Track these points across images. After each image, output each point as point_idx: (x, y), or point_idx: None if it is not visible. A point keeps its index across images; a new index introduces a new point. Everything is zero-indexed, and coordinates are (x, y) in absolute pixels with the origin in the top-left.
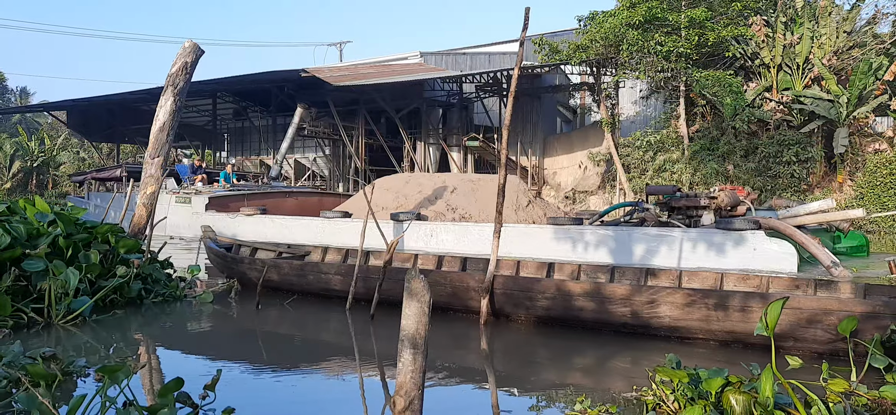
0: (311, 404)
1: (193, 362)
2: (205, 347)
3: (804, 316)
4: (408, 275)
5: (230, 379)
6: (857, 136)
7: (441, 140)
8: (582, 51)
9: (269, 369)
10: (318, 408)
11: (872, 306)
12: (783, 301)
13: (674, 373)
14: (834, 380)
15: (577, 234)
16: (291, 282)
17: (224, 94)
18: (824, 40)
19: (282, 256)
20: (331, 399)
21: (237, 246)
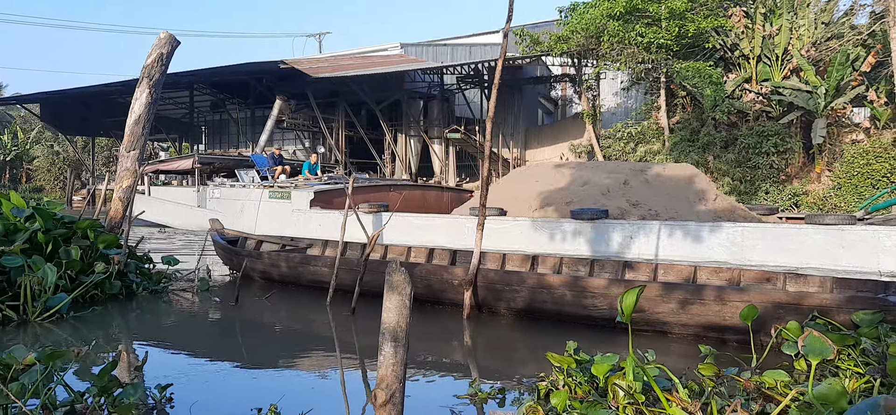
0: (292, 397)
1: (167, 356)
2: (183, 340)
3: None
4: (389, 268)
5: (207, 373)
6: (835, 126)
7: (422, 132)
8: (563, 42)
9: (249, 363)
10: (300, 402)
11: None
12: (639, 290)
13: (562, 359)
14: (704, 365)
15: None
16: (286, 274)
17: (201, 87)
18: (803, 32)
19: (285, 250)
20: (312, 393)
21: (243, 239)
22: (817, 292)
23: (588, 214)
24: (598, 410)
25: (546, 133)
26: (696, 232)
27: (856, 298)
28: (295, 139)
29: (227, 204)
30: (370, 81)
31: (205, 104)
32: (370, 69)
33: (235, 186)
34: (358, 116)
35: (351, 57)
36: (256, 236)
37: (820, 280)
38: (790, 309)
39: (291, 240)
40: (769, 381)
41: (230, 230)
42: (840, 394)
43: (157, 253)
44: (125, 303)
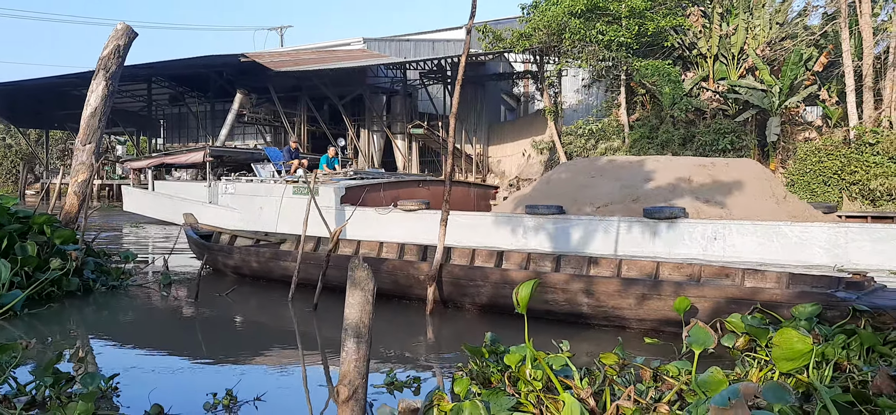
0: (253, 394)
1: (119, 350)
2: (138, 335)
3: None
4: (351, 264)
5: (159, 366)
6: (789, 124)
7: (385, 127)
8: (525, 39)
9: (206, 357)
10: (264, 403)
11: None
12: (534, 283)
13: (475, 349)
14: (606, 354)
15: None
16: (257, 270)
17: (160, 79)
18: (758, 31)
19: (259, 244)
20: (273, 390)
21: (217, 234)
22: (769, 287)
23: (665, 213)
24: (500, 396)
25: (508, 129)
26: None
27: (806, 294)
28: (256, 133)
29: (243, 200)
30: (332, 76)
31: (163, 97)
32: (332, 64)
33: (253, 181)
34: (320, 111)
35: (313, 51)
36: (231, 231)
37: (777, 276)
38: (743, 303)
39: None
40: (672, 370)
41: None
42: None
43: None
44: (82, 299)
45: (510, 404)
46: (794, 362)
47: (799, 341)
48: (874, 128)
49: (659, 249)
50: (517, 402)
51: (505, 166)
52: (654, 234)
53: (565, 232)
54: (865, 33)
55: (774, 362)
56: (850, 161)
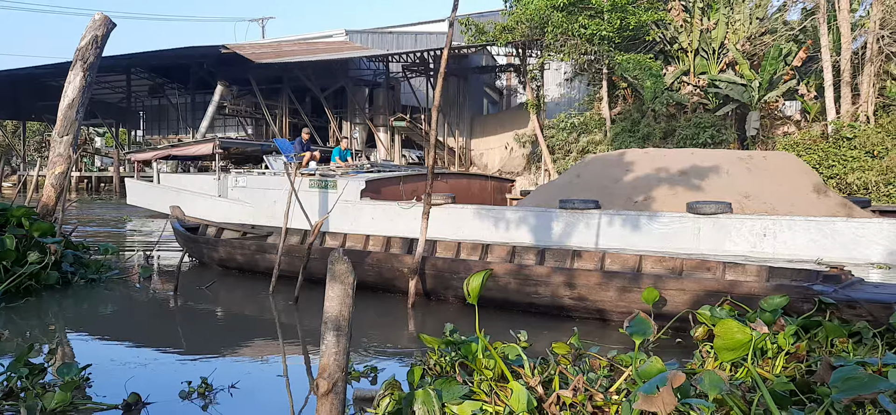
0: (237, 393)
1: (96, 343)
2: (115, 328)
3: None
4: (331, 257)
5: (136, 358)
6: (768, 119)
7: (367, 120)
8: (508, 32)
9: (186, 351)
10: (241, 392)
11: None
12: (486, 274)
13: (432, 339)
14: (558, 343)
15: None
16: (244, 263)
17: (139, 70)
18: (738, 26)
19: (245, 237)
20: (250, 381)
21: (204, 226)
22: (748, 281)
23: (710, 208)
24: (452, 385)
25: (491, 122)
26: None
27: (783, 287)
28: (237, 126)
29: (255, 194)
30: (314, 68)
31: (143, 89)
32: (315, 56)
33: (265, 174)
34: (302, 103)
35: (295, 43)
36: (219, 224)
37: (757, 269)
38: (722, 296)
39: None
40: (626, 359)
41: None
42: (658, 370)
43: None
44: (61, 293)
45: (462, 392)
46: (734, 351)
47: (739, 332)
48: (852, 123)
49: (704, 247)
50: (470, 390)
51: (487, 159)
52: (697, 230)
53: (602, 227)
54: (844, 29)
55: (716, 352)
56: (828, 155)
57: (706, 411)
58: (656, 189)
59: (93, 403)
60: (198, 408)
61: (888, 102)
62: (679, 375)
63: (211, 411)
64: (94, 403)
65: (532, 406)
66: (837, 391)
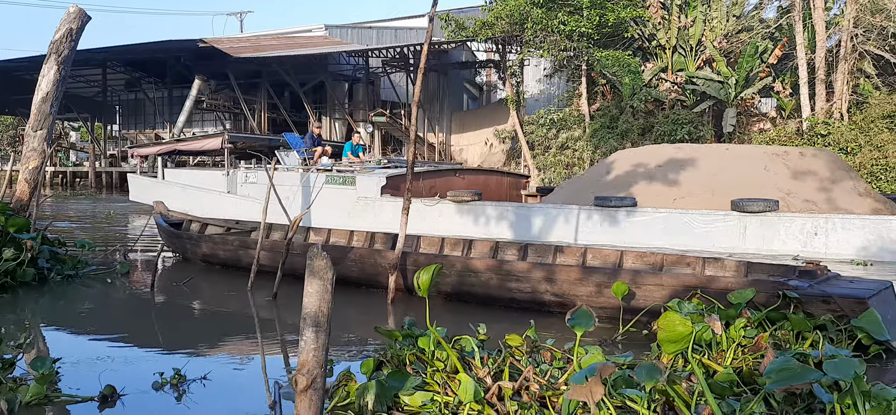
0: (209, 384)
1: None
2: (96, 325)
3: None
4: (310, 252)
5: (118, 356)
6: (744, 116)
7: (347, 115)
8: (488, 28)
9: (163, 347)
10: (213, 384)
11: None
12: (436, 268)
13: (389, 332)
14: (510, 335)
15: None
16: (228, 258)
17: (115, 64)
18: (715, 24)
19: (229, 232)
20: (225, 376)
21: (187, 222)
22: (725, 276)
23: (758, 205)
24: (405, 376)
25: (471, 118)
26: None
27: (759, 282)
28: (215, 120)
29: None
30: (294, 63)
31: (119, 83)
32: (294, 50)
33: (278, 169)
34: (281, 98)
35: (274, 37)
36: (203, 219)
37: (736, 265)
38: (695, 290)
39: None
40: (580, 351)
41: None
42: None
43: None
44: (38, 290)
45: (415, 383)
46: (677, 344)
47: (680, 324)
48: (826, 120)
49: (750, 246)
50: (424, 381)
51: (467, 155)
52: (743, 228)
53: (642, 226)
54: (818, 27)
55: (660, 345)
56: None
57: (638, 399)
58: (693, 186)
59: (68, 395)
60: (172, 399)
61: (861, 100)
62: (608, 366)
63: (185, 400)
64: (69, 395)
65: (479, 396)
66: (770, 382)
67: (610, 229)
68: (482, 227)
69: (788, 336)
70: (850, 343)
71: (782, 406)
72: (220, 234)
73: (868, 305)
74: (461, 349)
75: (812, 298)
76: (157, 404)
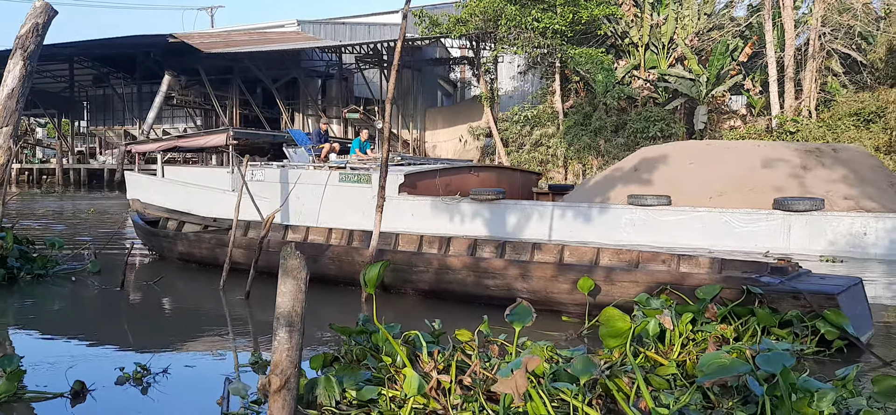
0: (170, 379)
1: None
2: (65, 324)
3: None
4: (283, 251)
5: (87, 355)
6: (715, 113)
7: (320, 111)
8: (462, 24)
9: (129, 346)
10: (178, 384)
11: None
12: (383, 264)
13: (343, 329)
14: (460, 330)
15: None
16: (205, 256)
17: (82, 60)
18: (687, 22)
19: (207, 230)
20: (190, 375)
21: (164, 220)
22: (699, 272)
23: (803, 204)
24: (355, 370)
25: (445, 115)
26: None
27: (731, 278)
28: (185, 117)
29: (276, 189)
30: (266, 59)
31: (86, 78)
32: (266, 46)
33: (286, 166)
34: (253, 94)
35: (245, 33)
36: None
37: (709, 262)
38: (673, 288)
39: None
40: (529, 345)
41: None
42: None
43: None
44: (7, 289)
45: (364, 378)
46: (617, 339)
47: (620, 320)
48: (795, 117)
49: (794, 246)
50: (372, 376)
51: (441, 151)
52: (787, 228)
53: (677, 225)
54: (787, 25)
55: (602, 339)
56: None
57: (568, 392)
58: (729, 183)
59: (38, 392)
60: (135, 394)
61: (829, 97)
62: (534, 359)
63: (147, 395)
64: (40, 392)
65: (423, 390)
66: (702, 375)
67: (645, 229)
68: (510, 226)
69: (755, 331)
70: (815, 338)
71: (720, 398)
72: (197, 232)
73: (837, 302)
74: (413, 345)
75: (783, 295)
76: (121, 399)
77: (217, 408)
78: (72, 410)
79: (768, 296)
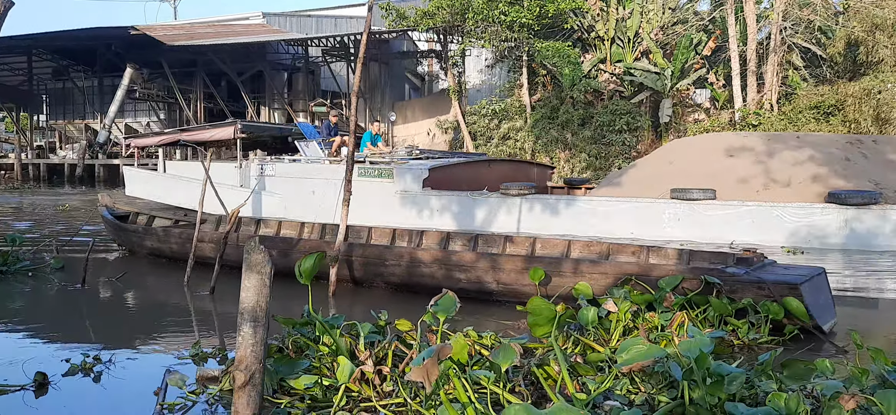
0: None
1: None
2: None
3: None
4: (247, 247)
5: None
6: (680, 106)
7: (286, 105)
8: (429, 18)
9: (88, 343)
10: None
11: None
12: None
13: (287, 320)
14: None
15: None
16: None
17: (41, 52)
18: (652, 16)
19: (179, 225)
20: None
21: (134, 214)
22: (666, 264)
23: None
24: (291, 361)
25: (413, 108)
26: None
27: (698, 269)
28: (149, 110)
29: (288, 184)
30: (230, 51)
31: (45, 71)
32: (230, 38)
33: (298, 161)
34: (218, 87)
35: (209, 25)
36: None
37: (678, 253)
38: (642, 279)
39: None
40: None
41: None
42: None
43: None
44: None
45: (303, 367)
46: (543, 327)
47: (546, 309)
48: (757, 110)
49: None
50: (311, 364)
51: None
52: (843, 222)
53: (725, 220)
54: (750, 20)
55: (529, 327)
56: None
57: (485, 379)
58: (773, 176)
59: (2, 385)
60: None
61: (790, 91)
62: (446, 348)
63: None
64: (3, 385)
65: (355, 377)
66: (621, 361)
67: (690, 224)
68: (544, 222)
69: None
70: (767, 326)
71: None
72: (167, 227)
73: (800, 291)
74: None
75: (747, 284)
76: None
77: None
78: (36, 401)
79: (733, 286)
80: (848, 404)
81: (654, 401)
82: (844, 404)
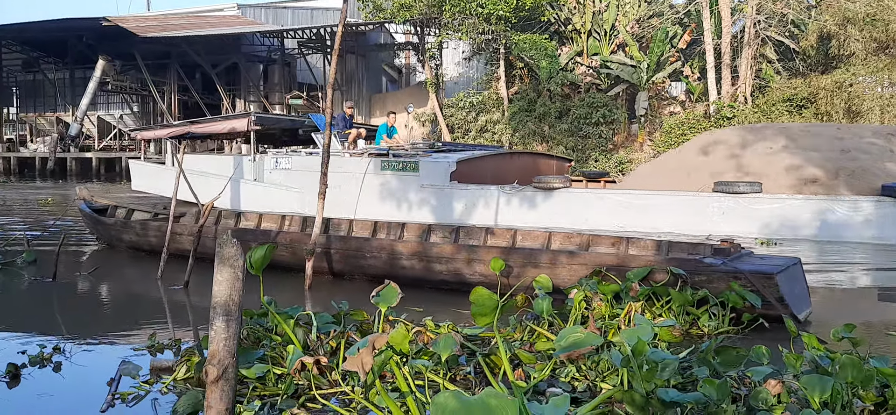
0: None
1: None
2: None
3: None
4: (219, 240)
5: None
6: (656, 99)
7: (262, 98)
8: (406, 10)
9: (57, 338)
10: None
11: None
12: (268, 247)
13: (245, 311)
14: (355, 310)
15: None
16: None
17: (11, 43)
18: (628, 9)
19: (157, 218)
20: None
21: (113, 207)
22: (644, 255)
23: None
24: (246, 351)
25: (390, 101)
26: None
27: (675, 260)
28: (122, 103)
29: (305, 178)
30: (205, 43)
31: (15, 63)
32: (205, 30)
33: (315, 154)
34: (192, 80)
35: (183, 16)
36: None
37: (656, 244)
38: (620, 270)
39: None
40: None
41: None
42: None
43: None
44: None
45: (257, 356)
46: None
47: (488, 299)
48: (731, 103)
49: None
50: (267, 355)
51: None
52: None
53: (772, 214)
54: (724, 13)
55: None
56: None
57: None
58: (819, 169)
59: None
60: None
61: (764, 84)
62: (381, 337)
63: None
64: None
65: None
66: (559, 348)
67: (735, 218)
68: (580, 216)
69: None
70: (728, 315)
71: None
72: (145, 220)
73: (775, 281)
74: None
75: (723, 275)
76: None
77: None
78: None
79: (710, 276)
80: (774, 389)
81: (595, 387)
82: (770, 388)
